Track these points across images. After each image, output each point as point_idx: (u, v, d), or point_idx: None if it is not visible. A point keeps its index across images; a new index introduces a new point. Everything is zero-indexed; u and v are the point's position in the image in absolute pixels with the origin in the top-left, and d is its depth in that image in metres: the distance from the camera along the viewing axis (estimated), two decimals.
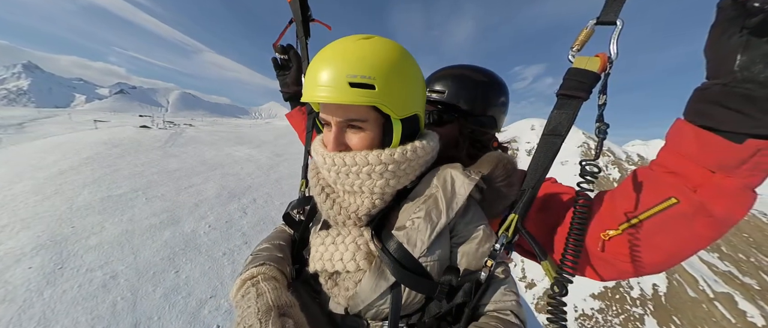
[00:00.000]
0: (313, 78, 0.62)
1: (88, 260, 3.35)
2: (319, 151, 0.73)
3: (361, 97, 0.59)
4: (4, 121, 15.32)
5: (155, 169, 6.55)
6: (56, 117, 21.11)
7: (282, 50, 1.27)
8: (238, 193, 5.98)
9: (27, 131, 14.02)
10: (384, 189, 0.68)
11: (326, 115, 0.68)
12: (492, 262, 0.66)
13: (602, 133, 0.62)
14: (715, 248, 47.20)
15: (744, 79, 0.48)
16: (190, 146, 9.37)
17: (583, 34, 0.66)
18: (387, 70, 0.61)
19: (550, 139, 0.69)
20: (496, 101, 1.09)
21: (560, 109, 0.68)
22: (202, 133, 12.73)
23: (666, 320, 27.21)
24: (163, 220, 4.41)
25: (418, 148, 0.69)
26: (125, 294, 2.99)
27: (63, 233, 3.76)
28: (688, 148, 0.57)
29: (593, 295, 26.51)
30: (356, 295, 0.68)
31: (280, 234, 0.93)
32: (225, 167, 7.67)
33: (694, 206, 0.56)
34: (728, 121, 0.50)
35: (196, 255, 3.77)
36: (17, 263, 3.17)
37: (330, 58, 0.61)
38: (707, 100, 0.53)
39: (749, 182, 0.52)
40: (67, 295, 2.86)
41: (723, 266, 41.41)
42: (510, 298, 0.67)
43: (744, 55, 0.48)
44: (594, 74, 0.64)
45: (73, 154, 6.92)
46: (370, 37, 0.64)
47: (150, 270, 3.37)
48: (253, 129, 17.83)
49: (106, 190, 5.06)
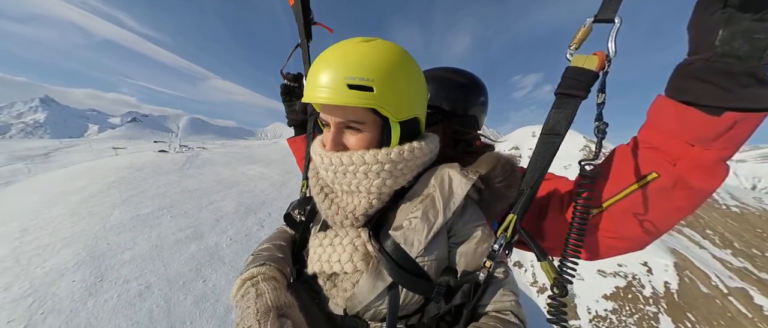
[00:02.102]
0: (313, 79, 0.62)
1: (124, 273, 3.56)
2: (317, 151, 0.72)
3: (359, 99, 0.58)
4: (30, 152, 15.91)
5: (177, 189, 6.82)
6: (77, 146, 21.76)
7: (293, 78, 1.25)
8: (255, 208, 6.20)
9: (52, 160, 14.52)
10: (381, 189, 0.67)
11: (326, 115, 0.68)
12: (491, 263, 0.64)
13: (601, 132, 0.60)
14: (727, 244, 45.68)
15: (724, 54, 0.49)
16: (206, 167, 9.69)
17: (581, 32, 0.64)
18: (386, 73, 0.59)
19: (549, 138, 0.67)
20: (476, 101, 1.09)
21: (558, 109, 0.66)
22: (216, 155, 13.11)
23: (681, 318, 26.18)
24: (188, 235, 4.62)
25: (415, 148, 0.68)
26: (160, 302, 3.17)
27: (100, 249, 3.99)
28: (668, 124, 0.57)
29: (605, 296, 25.75)
30: (354, 296, 0.67)
31: (281, 235, 0.91)
32: (240, 184, 7.93)
33: (673, 179, 0.57)
34: (707, 95, 0.51)
35: (220, 266, 3.95)
36: (61, 277, 3.39)
37: (330, 60, 0.61)
38: (688, 76, 0.53)
39: (724, 154, 0.53)
40: (108, 304, 3.06)
41: (737, 262, 40.02)
42: (509, 298, 0.66)
43: (726, 30, 0.48)
44: (592, 73, 0.62)
45: (100, 178, 7.24)
46: (371, 40, 0.63)
47: (180, 280, 3.56)
48: (262, 149, 18.24)
49: (134, 210, 5.32)
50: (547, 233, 0.81)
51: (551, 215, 0.80)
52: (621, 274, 26.87)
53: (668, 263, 30.83)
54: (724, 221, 52.16)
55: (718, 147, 0.53)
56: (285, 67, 1.24)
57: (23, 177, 9.70)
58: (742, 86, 0.48)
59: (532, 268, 27.28)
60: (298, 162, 1.39)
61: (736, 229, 50.16)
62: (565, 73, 0.65)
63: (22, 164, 12.43)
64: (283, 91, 1.28)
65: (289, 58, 1.20)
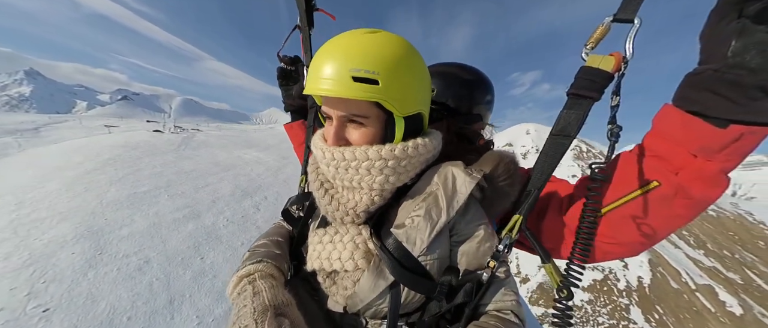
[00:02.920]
0: (316, 70, 0.59)
1: (123, 248, 3.62)
2: (318, 145, 0.70)
3: (364, 92, 0.56)
4: (20, 126, 15.44)
5: (173, 169, 6.80)
6: (67, 122, 21.17)
7: (290, 61, 1.19)
8: (251, 191, 6.25)
9: (42, 135, 14.15)
10: (383, 185, 0.65)
11: (328, 108, 0.65)
12: (495, 263, 0.63)
13: (615, 136, 0.58)
14: (701, 244, 47.66)
15: (735, 65, 0.47)
16: (202, 149, 9.62)
17: (599, 32, 0.61)
18: (392, 66, 0.57)
19: (558, 139, 0.65)
20: (482, 100, 1.06)
21: (570, 109, 0.64)
22: (211, 138, 12.98)
23: (650, 309, 27.57)
24: (186, 214, 4.67)
25: (419, 145, 0.66)
26: (159, 276, 3.26)
27: (98, 224, 4.03)
28: (673, 133, 0.56)
29: (583, 288, 26.87)
30: (355, 294, 0.65)
31: (279, 230, 0.89)
32: (236, 168, 7.93)
33: (674, 188, 0.56)
34: (715, 106, 0.50)
35: (217, 244, 4.04)
36: (61, 249, 3.44)
37: (334, 50, 0.58)
38: (697, 86, 0.52)
39: (726, 166, 0.52)
40: (108, 276, 3.13)
41: (708, 262, 41.95)
42: (510, 298, 0.65)
43: (739, 41, 0.47)
44: (607, 74, 0.59)
45: (95, 155, 7.16)
46: (376, 31, 0.61)
47: (178, 257, 3.64)
48: (259, 133, 18.08)
49: (130, 188, 5.32)
50: (545, 234, 0.80)
51: (550, 215, 0.79)
52: (599, 268, 27.96)
53: (643, 259, 32.11)
54: (700, 223, 54.20)
55: (722, 159, 0.52)
56: (282, 50, 1.18)
57: (14, 151, 9.47)
58: (751, 99, 0.47)
59: (517, 259, 28.00)
60: (296, 149, 1.35)
61: (711, 231, 52.18)
62: (578, 73, 0.63)
63: (12, 138, 12.08)
64: (279, 74, 1.23)
65: (286, 40, 1.15)
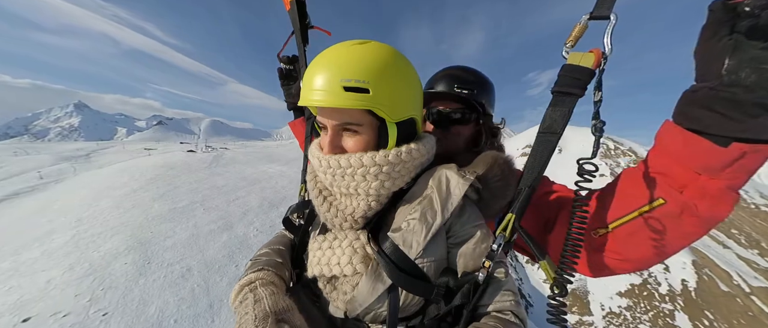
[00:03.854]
0: (309, 82, 0.61)
1: (168, 257, 3.93)
2: (315, 154, 0.71)
3: (356, 100, 0.57)
4: (73, 153, 17.10)
5: (206, 185, 7.26)
6: (112, 148, 23.12)
7: (288, 61, 1.20)
8: (277, 202, 6.54)
9: (92, 160, 15.55)
10: (379, 191, 0.66)
11: (323, 118, 0.66)
12: (490, 263, 0.64)
13: (598, 131, 0.58)
14: (753, 243, 43.12)
15: (731, 83, 0.46)
16: (231, 166, 10.18)
17: (577, 30, 0.63)
18: (381, 74, 0.59)
19: (546, 137, 0.67)
20: (494, 101, 1.12)
21: (555, 107, 0.65)
22: (239, 155, 13.69)
23: (698, 315, 25.01)
24: (220, 226, 4.98)
25: (412, 150, 0.67)
26: (200, 283, 3.50)
27: (145, 236, 4.40)
28: (676, 150, 0.55)
29: (620, 293, 24.97)
30: (354, 299, 0.66)
31: (281, 239, 0.90)
32: (262, 182, 8.32)
33: (680, 207, 0.55)
34: (714, 124, 0.49)
35: (249, 253, 4.27)
36: (115, 260, 3.79)
37: (325, 62, 0.60)
38: (695, 104, 0.51)
39: (733, 184, 0.51)
40: (157, 283, 3.41)
41: (764, 263, 37.84)
42: (509, 298, 0.65)
43: (732, 58, 0.46)
44: (589, 70, 0.60)
45: (139, 176, 7.80)
46: (365, 42, 0.63)
47: (215, 264, 3.89)
48: (280, 149, 18.79)
49: (171, 203, 5.75)
50: (552, 247, 0.79)
51: (557, 229, 0.78)
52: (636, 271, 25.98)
53: (686, 261, 29.49)
54: (752, 220, 49.19)
55: (727, 177, 0.50)
56: (282, 52, 1.21)
57: (71, 175, 10.50)
58: (750, 116, 0.45)
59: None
60: (301, 144, 1.37)
61: (765, 229, 47.15)
62: (561, 71, 0.64)
63: (68, 163, 13.41)
64: (280, 74, 1.24)
65: (285, 43, 1.17)
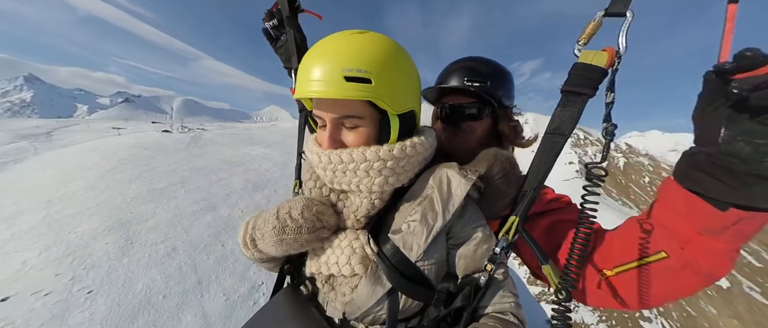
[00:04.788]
0: (306, 73, 0.58)
1: (151, 237, 3.87)
2: (313, 150, 0.68)
3: (357, 91, 0.55)
4: (32, 131, 15.65)
5: (186, 167, 7.03)
6: (76, 126, 21.38)
7: (270, 16, 1.04)
8: (261, 185, 6.48)
9: (55, 139, 14.34)
10: (383, 187, 0.64)
11: (321, 111, 0.63)
12: (492, 266, 0.62)
13: (610, 134, 0.56)
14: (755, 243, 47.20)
15: (727, 153, 0.47)
16: (210, 147, 9.84)
17: (591, 27, 0.59)
18: (383, 64, 0.57)
19: (553, 138, 0.64)
20: (514, 92, 1.03)
21: (564, 107, 0.62)
22: (217, 136, 13.17)
23: None
24: (203, 207, 4.92)
25: (417, 144, 0.65)
26: (186, 261, 3.51)
27: (125, 217, 4.27)
28: (678, 208, 0.56)
29: None
30: (353, 301, 0.63)
31: None
32: (244, 164, 8.15)
33: (681, 262, 0.56)
34: (713, 189, 0.49)
35: (235, 233, 4.28)
36: (94, 241, 3.69)
37: (324, 52, 0.57)
38: (694, 167, 0.52)
39: (732, 246, 0.52)
40: (141, 262, 3.39)
41: None
42: (509, 299, 0.65)
43: (728, 129, 0.46)
44: (601, 70, 0.58)
45: (111, 156, 7.38)
46: (364, 32, 0.60)
47: (201, 243, 3.89)
48: (262, 131, 18.24)
49: (149, 184, 5.56)
50: (561, 264, 0.77)
51: (564, 249, 0.75)
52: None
53: None
54: None
55: (726, 239, 0.52)
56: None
57: (31, 155, 9.69)
58: (746, 185, 0.46)
59: None
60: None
61: None
62: (572, 69, 0.61)
63: (27, 142, 12.29)
64: (266, 36, 1.09)
65: (274, 7, 1.05)
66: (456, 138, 0.97)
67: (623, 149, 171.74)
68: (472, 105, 0.95)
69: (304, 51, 0.98)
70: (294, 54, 0.99)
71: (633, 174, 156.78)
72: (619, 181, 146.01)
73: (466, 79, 0.95)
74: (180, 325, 2.64)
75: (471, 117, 0.95)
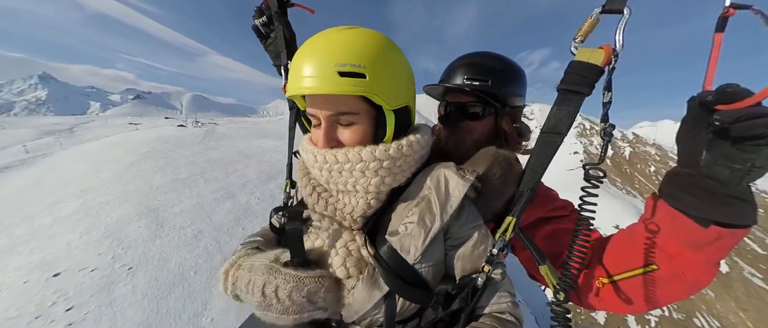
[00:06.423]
0: (298, 70, 0.56)
1: (179, 222, 4.16)
2: (308, 149, 0.66)
3: (352, 86, 0.53)
4: (55, 128, 16.27)
5: (203, 158, 7.32)
6: (94, 122, 22.01)
7: (259, 13, 0.98)
8: (274, 175, 6.74)
9: (77, 135, 14.88)
10: (379, 187, 0.62)
11: (314, 109, 0.61)
12: (489, 267, 0.62)
13: (608, 135, 0.56)
14: None
15: (707, 175, 0.48)
16: (224, 141, 10.13)
17: (587, 24, 0.58)
18: (376, 59, 0.55)
19: (550, 137, 0.63)
20: (524, 91, 0.99)
21: (561, 106, 0.62)
22: (230, 130, 13.47)
23: None
24: (223, 195, 5.20)
25: (413, 142, 0.63)
26: (212, 243, 3.79)
27: (153, 204, 4.57)
28: (664, 224, 0.58)
29: None
30: (350, 305, 0.62)
31: (266, 234, 0.85)
32: (257, 155, 8.42)
33: (670, 273, 0.59)
34: (695, 207, 0.51)
35: (253, 218, 4.55)
36: (129, 224, 3.99)
37: (315, 48, 0.56)
38: (678, 186, 0.54)
39: (714, 259, 0.55)
40: (172, 243, 3.67)
41: None
42: (506, 299, 0.65)
43: (708, 153, 0.48)
44: (597, 68, 0.57)
45: (133, 149, 7.72)
46: (354, 28, 0.59)
47: (224, 227, 4.17)
48: (271, 125, 18.51)
49: (172, 174, 5.85)
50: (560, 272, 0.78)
51: (565, 257, 0.77)
52: None
53: None
54: None
55: (708, 253, 0.54)
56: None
57: (58, 149, 10.15)
58: (724, 205, 0.48)
59: None
60: None
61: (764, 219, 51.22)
62: (568, 68, 0.60)
63: (53, 138, 12.83)
64: (257, 33, 1.03)
65: (263, 4, 0.98)
66: (454, 137, 0.96)
67: (630, 139, 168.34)
68: (473, 104, 0.93)
69: (293, 48, 0.95)
70: (283, 50, 0.94)
71: (638, 164, 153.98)
72: (625, 170, 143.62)
73: (466, 77, 0.92)
74: (211, 296, 2.92)
75: (471, 116, 0.93)
